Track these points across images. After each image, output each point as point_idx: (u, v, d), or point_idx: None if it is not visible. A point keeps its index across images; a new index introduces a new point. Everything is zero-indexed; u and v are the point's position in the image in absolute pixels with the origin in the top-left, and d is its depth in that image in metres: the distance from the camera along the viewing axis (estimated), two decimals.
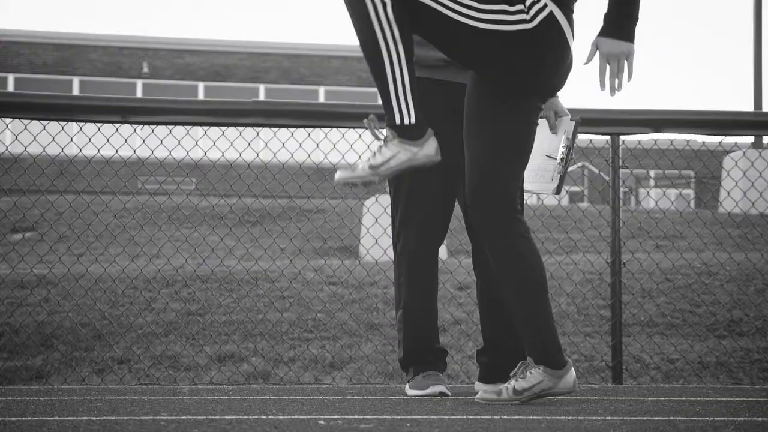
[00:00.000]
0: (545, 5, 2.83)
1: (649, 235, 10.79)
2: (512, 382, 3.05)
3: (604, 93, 2.96)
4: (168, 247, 10.09)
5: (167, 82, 25.83)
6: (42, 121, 4.61)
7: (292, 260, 7.22)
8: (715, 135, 4.95)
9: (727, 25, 64.69)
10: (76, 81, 25.49)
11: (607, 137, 4.88)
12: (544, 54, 2.85)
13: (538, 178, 3.36)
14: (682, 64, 63.21)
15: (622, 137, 4.87)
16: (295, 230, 10.64)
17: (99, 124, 4.62)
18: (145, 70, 25.63)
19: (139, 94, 25.72)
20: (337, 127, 4.78)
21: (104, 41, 25.69)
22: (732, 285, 7.51)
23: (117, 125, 4.61)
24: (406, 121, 2.84)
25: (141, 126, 4.58)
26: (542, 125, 3.44)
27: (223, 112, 4.69)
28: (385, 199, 11.50)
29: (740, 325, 6.83)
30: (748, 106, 25.97)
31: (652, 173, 34.71)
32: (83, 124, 4.61)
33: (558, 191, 3.29)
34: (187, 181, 25.50)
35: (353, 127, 4.79)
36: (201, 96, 25.98)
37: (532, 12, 2.82)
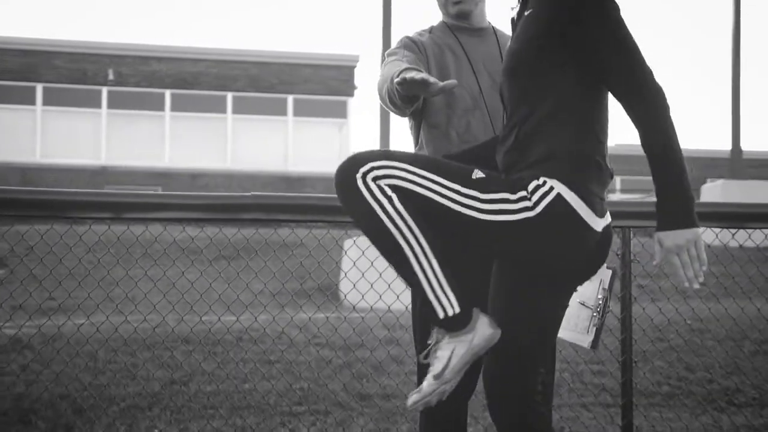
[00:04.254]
0: (551, 188, 2.59)
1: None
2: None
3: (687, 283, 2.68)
4: (144, 284, 9.84)
5: (133, 89, 25.43)
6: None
7: (275, 315, 7.01)
8: (730, 228, 4.81)
9: (706, 65, 65.42)
10: (39, 88, 25.02)
11: (618, 230, 4.71)
12: (554, 240, 2.62)
13: (571, 326, 3.17)
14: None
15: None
16: (273, 265, 10.42)
17: (90, 221, 4.38)
18: (111, 77, 25.19)
19: (104, 101, 25.30)
20: (340, 222, 4.56)
21: (69, 47, 25.22)
22: (726, 345, 7.41)
23: (108, 222, 4.37)
24: (450, 313, 2.63)
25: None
26: None
27: (221, 207, 4.45)
28: (364, 242, 11.33)
29: (737, 396, 6.73)
30: (726, 145, 26.03)
31: (618, 180, 34.88)
32: (71, 223, 4.37)
33: (594, 345, 3.11)
34: (154, 190, 25.15)
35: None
36: (168, 104, 25.62)
37: (536, 197, 2.59)
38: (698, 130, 62.21)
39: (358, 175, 2.59)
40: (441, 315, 2.63)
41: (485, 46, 3.28)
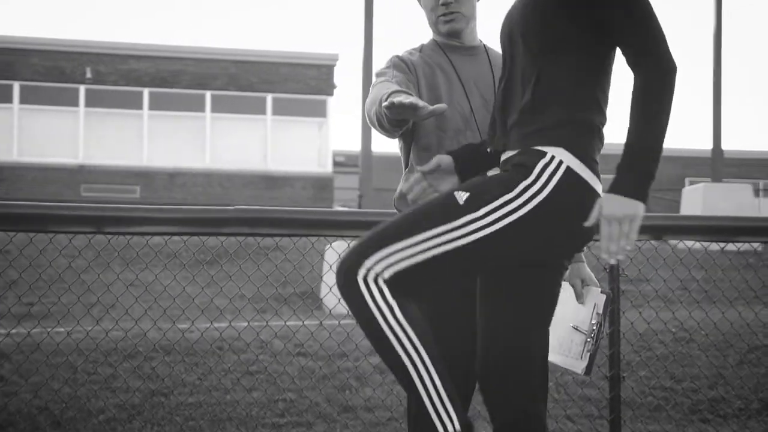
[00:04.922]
0: (560, 163, 2.53)
1: None
2: None
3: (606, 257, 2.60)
4: (125, 294, 9.71)
5: (111, 87, 25.21)
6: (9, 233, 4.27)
7: (259, 329, 6.91)
8: (717, 241, 4.77)
9: (687, 64, 65.69)
10: (16, 86, 24.77)
11: None
12: (569, 212, 2.54)
13: (564, 350, 3.10)
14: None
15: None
16: (253, 271, 10.31)
17: (71, 235, 4.28)
18: (88, 75, 24.95)
19: (81, 99, 25.07)
20: (325, 236, 4.49)
21: (46, 45, 24.94)
22: (711, 353, 7.38)
23: (90, 236, 4.28)
24: (450, 429, 2.53)
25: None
26: (568, 290, 3.18)
27: (203, 221, 4.37)
28: (341, 245, 11.17)
29: (722, 406, 6.69)
30: (706, 143, 26.12)
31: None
32: (54, 234, 4.27)
33: (588, 371, 3.04)
34: (132, 189, 24.96)
35: (343, 236, 4.52)
36: (146, 102, 25.42)
37: (544, 178, 2.52)
38: (678, 128, 62.55)
39: (359, 278, 2.51)
40: (441, 431, 2.54)
41: (476, 65, 3.21)
